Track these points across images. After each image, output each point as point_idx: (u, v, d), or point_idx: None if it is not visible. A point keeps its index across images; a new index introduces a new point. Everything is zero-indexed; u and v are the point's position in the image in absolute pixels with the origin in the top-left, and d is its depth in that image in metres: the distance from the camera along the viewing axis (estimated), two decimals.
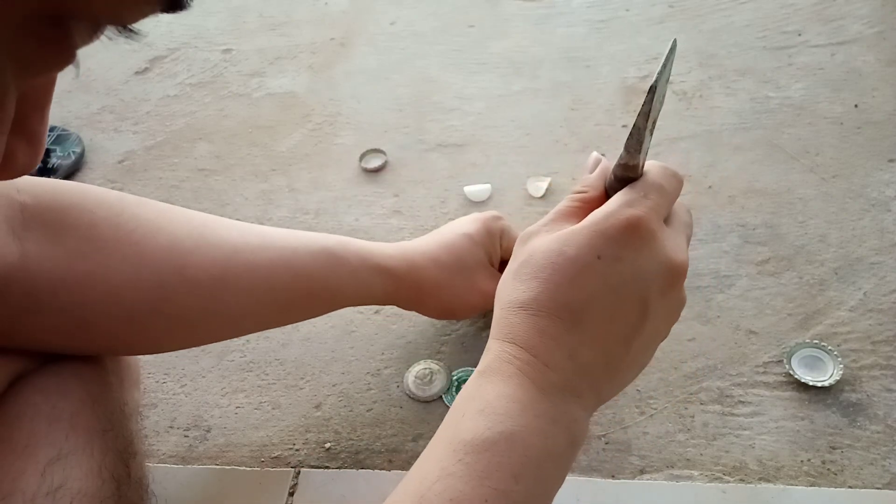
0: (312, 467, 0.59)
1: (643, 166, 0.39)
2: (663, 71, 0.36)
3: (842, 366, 0.60)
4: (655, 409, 0.60)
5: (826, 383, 0.59)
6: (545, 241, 0.37)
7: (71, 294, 0.44)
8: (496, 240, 0.63)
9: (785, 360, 0.61)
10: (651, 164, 0.39)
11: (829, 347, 0.61)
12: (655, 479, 0.56)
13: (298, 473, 0.59)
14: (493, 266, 0.63)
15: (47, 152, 0.91)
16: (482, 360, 0.37)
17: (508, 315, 0.37)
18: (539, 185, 0.81)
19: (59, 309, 0.44)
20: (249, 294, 0.51)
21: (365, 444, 0.61)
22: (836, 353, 0.61)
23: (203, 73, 1.08)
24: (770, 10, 1.02)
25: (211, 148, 0.94)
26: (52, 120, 1.04)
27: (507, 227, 0.64)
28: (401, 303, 0.61)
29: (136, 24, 0.23)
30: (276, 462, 0.60)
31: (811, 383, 0.59)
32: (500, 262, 0.63)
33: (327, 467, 0.59)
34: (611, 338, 0.36)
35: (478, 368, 0.37)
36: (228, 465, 0.60)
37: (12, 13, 0.20)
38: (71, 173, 0.92)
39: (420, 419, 0.62)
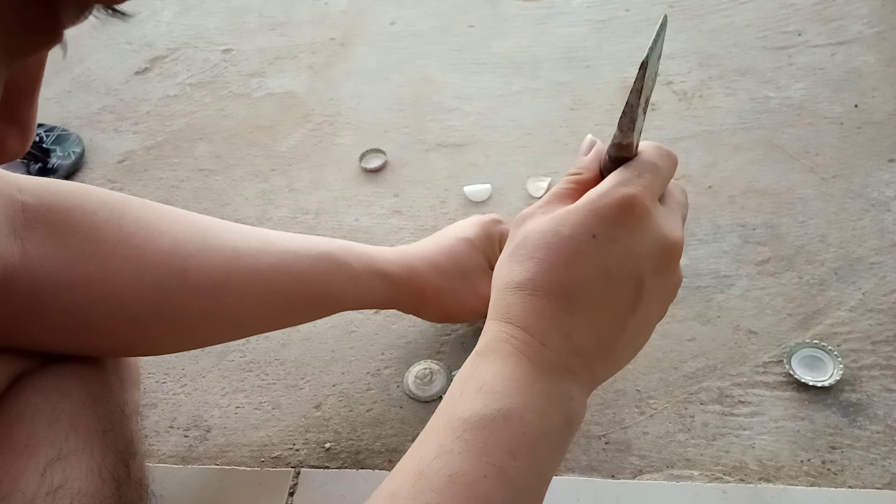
0: (312, 467, 0.59)
1: (637, 146, 0.39)
2: (654, 47, 0.35)
3: (842, 366, 0.60)
4: (655, 409, 0.60)
5: (826, 383, 0.59)
6: (540, 222, 0.37)
7: (72, 295, 0.44)
8: (496, 244, 0.63)
9: (785, 360, 0.61)
10: (645, 144, 0.39)
11: (829, 347, 0.61)
12: (655, 479, 0.56)
13: (298, 473, 0.59)
14: (492, 270, 0.63)
15: (47, 152, 0.91)
16: (479, 340, 0.37)
17: (505, 295, 0.37)
18: (539, 185, 0.81)
19: (61, 310, 0.44)
20: (250, 298, 0.51)
21: (365, 444, 0.61)
22: (836, 353, 0.61)
23: (203, 73, 1.08)
24: (770, 10, 1.02)
25: (211, 148, 0.94)
26: (52, 120, 1.05)
27: (507, 231, 0.64)
28: (401, 307, 0.62)
29: (124, 6, 0.23)
30: (276, 462, 0.60)
31: (811, 383, 0.59)
32: None
33: (327, 467, 0.59)
34: (606, 317, 0.36)
35: (475, 349, 0.37)
36: (228, 465, 0.60)
37: None
38: (71, 173, 0.92)
39: (420, 419, 0.62)
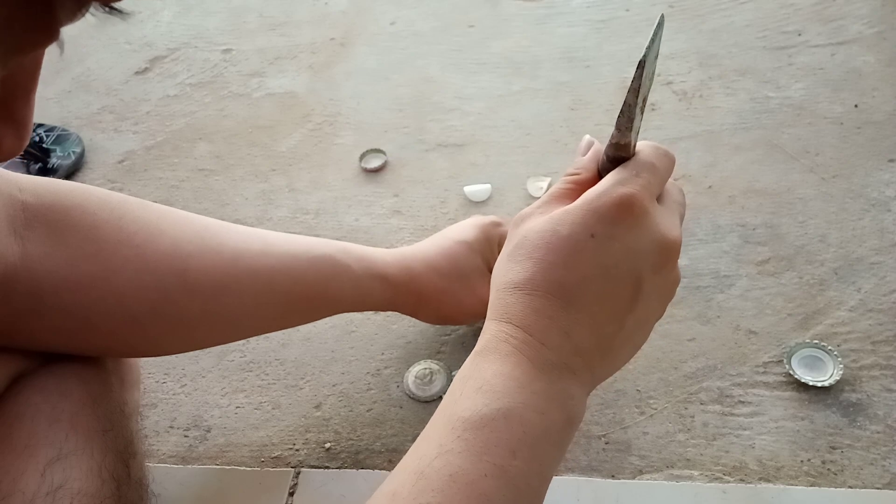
0: (312, 467, 0.59)
1: (635, 145, 0.39)
2: (651, 46, 0.35)
3: (842, 366, 0.60)
4: (655, 409, 0.60)
5: (826, 383, 0.59)
6: (539, 221, 0.37)
7: (72, 295, 0.44)
8: (494, 246, 0.63)
9: (785, 360, 0.61)
10: (643, 144, 0.39)
11: (829, 347, 0.61)
12: (655, 479, 0.56)
13: (298, 473, 0.59)
14: (491, 272, 0.63)
15: (47, 152, 0.91)
16: (479, 340, 0.37)
17: (504, 295, 0.37)
18: (539, 185, 0.81)
19: (61, 309, 0.44)
20: (250, 299, 0.51)
21: (365, 444, 0.61)
22: (836, 353, 0.61)
23: (203, 73, 1.08)
24: (770, 10, 1.02)
25: (211, 148, 0.94)
26: (52, 120, 1.05)
27: (506, 233, 0.64)
28: (400, 309, 0.62)
29: (121, 4, 0.23)
30: (276, 462, 0.60)
31: (811, 383, 0.59)
32: None
33: (327, 467, 0.59)
34: (605, 315, 0.36)
35: (475, 349, 0.37)
36: (228, 465, 0.60)
37: None
38: (71, 173, 0.92)
39: (420, 419, 0.62)
